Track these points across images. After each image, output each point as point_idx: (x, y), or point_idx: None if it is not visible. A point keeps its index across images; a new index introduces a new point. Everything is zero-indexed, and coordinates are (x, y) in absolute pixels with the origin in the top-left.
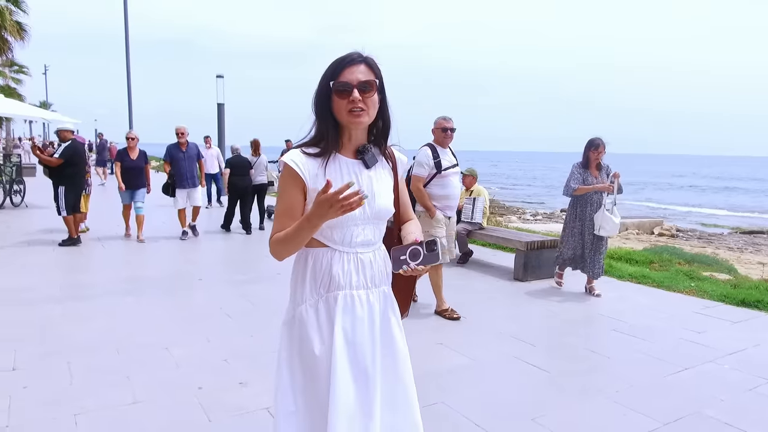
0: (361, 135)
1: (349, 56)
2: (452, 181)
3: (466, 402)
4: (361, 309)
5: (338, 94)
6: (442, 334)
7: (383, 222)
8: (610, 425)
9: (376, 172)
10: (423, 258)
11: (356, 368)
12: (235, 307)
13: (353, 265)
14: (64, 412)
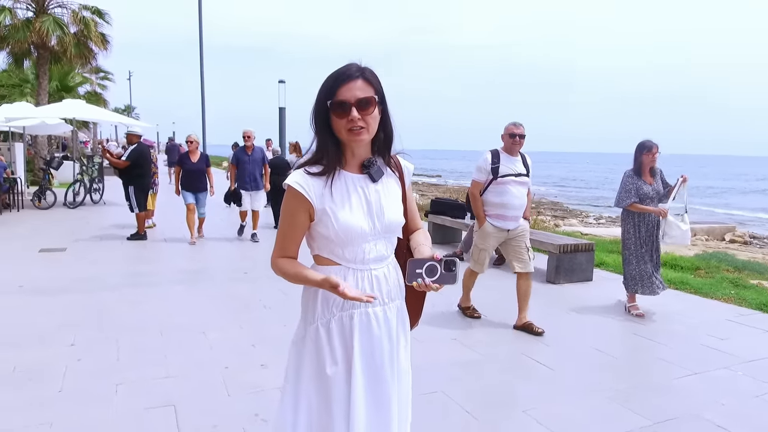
0: (363, 149)
1: (346, 72)
2: (512, 189)
3: (463, 392)
4: (378, 327)
5: (336, 112)
6: (458, 330)
7: (395, 235)
8: (597, 420)
9: (384, 185)
10: (439, 276)
11: (375, 392)
12: (274, 299)
13: (368, 282)
14: (108, 382)
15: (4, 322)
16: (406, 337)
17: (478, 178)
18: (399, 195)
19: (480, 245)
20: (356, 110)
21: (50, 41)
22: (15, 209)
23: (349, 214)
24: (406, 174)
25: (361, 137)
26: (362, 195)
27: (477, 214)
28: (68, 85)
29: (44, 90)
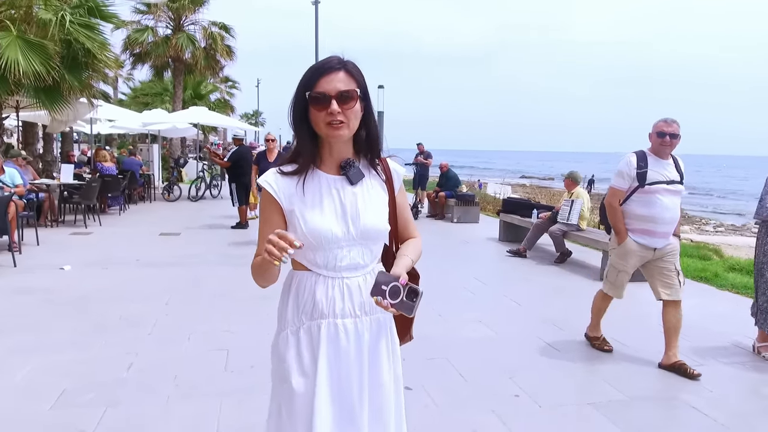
0: (344, 148)
1: (327, 63)
2: (662, 199)
3: (463, 360)
4: (347, 340)
5: (315, 105)
6: (481, 313)
7: (375, 242)
8: (573, 388)
9: (363, 188)
10: (399, 301)
11: (340, 407)
12: None
13: (338, 291)
14: (185, 331)
15: (120, 285)
16: (389, 354)
17: (618, 184)
18: (383, 200)
19: (618, 266)
20: (336, 103)
21: (184, 55)
22: (148, 201)
23: (319, 216)
24: (395, 178)
25: (341, 132)
26: (336, 197)
27: (616, 228)
28: (200, 93)
29: (179, 98)
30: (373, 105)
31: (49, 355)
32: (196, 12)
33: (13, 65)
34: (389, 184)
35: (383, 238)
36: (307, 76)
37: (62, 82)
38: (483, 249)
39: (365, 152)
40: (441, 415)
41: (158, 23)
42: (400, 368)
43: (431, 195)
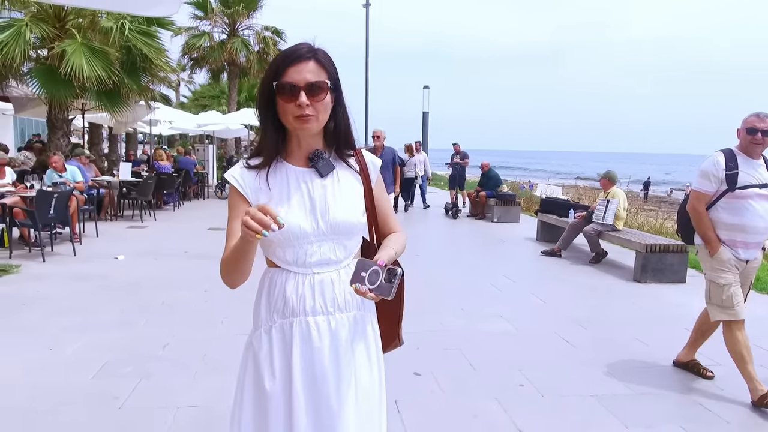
0: (313, 140)
1: (297, 51)
2: (755, 206)
3: (477, 351)
4: (319, 338)
5: (283, 96)
6: (504, 309)
7: (348, 237)
8: (579, 381)
9: (333, 181)
10: (378, 285)
11: (317, 409)
12: None
13: (308, 287)
14: (219, 315)
15: (166, 274)
16: (369, 356)
17: (703, 187)
18: (356, 193)
19: (720, 279)
20: (305, 95)
21: (239, 59)
22: (202, 198)
23: (286, 210)
24: (371, 170)
25: (309, 125)
26: (305, 191)
27: (706, 236)
28: (255, 95)
29: (234, 100)
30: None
31: (97, 333)
32: (250, 17)
33: (78, 70)
34: (364, 176)
35: (357, 232)
36: (275, 64)
37: (122, 85)
38: (518, 248)
39: (336, 144)
40: (445, 400)
41: (214, 29)
42: (383, 373)
43: (472, 195)
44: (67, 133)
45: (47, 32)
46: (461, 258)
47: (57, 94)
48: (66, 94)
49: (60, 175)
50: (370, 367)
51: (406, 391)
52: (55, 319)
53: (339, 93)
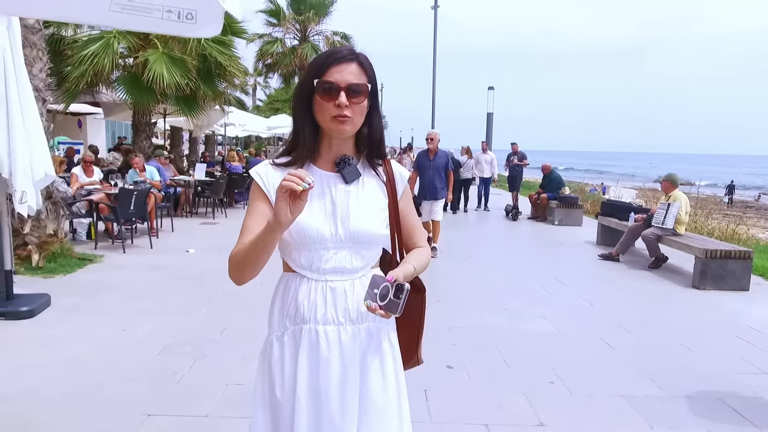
0: (344, 144)
1: (340, 52)
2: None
3: (512, 349)
4: (327, 348)
5: (322, 95)
6: (549, 310)
7: (367, 247)
8: (612, 382)
9: (358, 188)
10: (388, 301)
11: (321, 419)
12: None
13: (320, 294)
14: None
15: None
16: (384, 372)
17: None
18: (380, 203)
19: None
20: (345, 96)
21: None
22: None
23: (306, 214)
24: (398, 181)
25: (345, 127)
26: (328, 195)
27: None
28: None
29: None
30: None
31: (164, 317)
32: (320, 23)
33: (159, 78)
34: (390, 186)
35: (376, 242)
36: (318, 62)
37: (198, 91)
38: (575, 251)
39: (365, 151)
40: (472, 389)
41: (287, 35)
42: (402, 390)
43: (533, 197)
44: (149, 135)
45: (132, 43)
46: (514, 260)
47: (140, 100)
48: (148, 100)
49: (141, 174)
50: (384, 384)
51: (436, 382)
52: (129, 304)
53: (375, 99)
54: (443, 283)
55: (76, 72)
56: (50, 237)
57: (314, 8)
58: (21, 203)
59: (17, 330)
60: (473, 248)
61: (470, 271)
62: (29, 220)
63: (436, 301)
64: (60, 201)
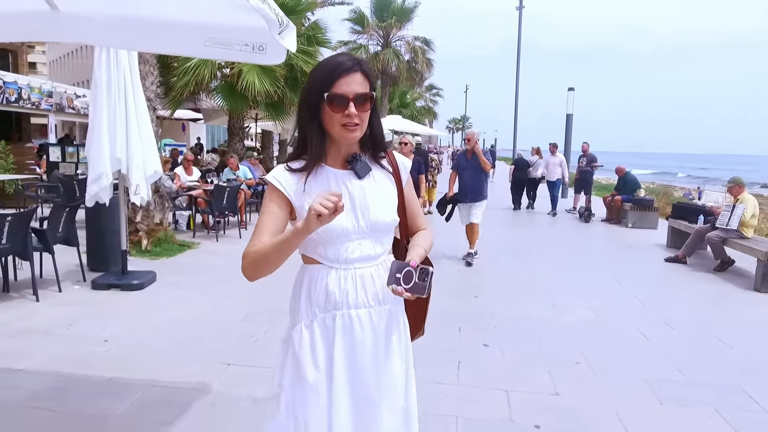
0: (351, 145)
1: (344, 64)
2: None
3: (550, 337)
4: (362, 331)
5: (332, 106)
6: (596, 304)
7: (385, 234)
8: (637, 366)
9: (371, 182)
10: (413, 285)
11: (356, 399)
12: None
13: (350, 282)
14: None
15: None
16: (401, 347)
17: None
18: (391, 192)
19: None
20: (354, 106)
21: (390, 69)
22: None
23: None
24: (402, 170)
25: (355, 134)
26: (345, 191)
27: None
28: (406, 102)
29: (385, 107)
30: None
31: (246, 293)
32: (402, 28)
33: (251, 86)
34: (396, 176)
35: (392, 229)
36: (324, 74)
37: (285, 98)
38: (643, 254)
39: (369, 148)
40: (502, 365)
41: (370, 41)
42: (411, 361)
43: (607, 199)
44: (242, 138)
45: None
46: (575, 259)
47: (235, 106)
48: (242, 106)
49: (234, 173)
50: (401, 357)
51: (470, 356)
52: (219, 282)
53: (375, 101)
54: (495, 278)
55: (181, 82)
56: (157, 225)
57: (396, 15)
58: (135, 194)
59: (130, 298)
60: (536, 246)
61: (527, 267)
62: (140, 211)
63: (474, 297)
64: (165, 195)
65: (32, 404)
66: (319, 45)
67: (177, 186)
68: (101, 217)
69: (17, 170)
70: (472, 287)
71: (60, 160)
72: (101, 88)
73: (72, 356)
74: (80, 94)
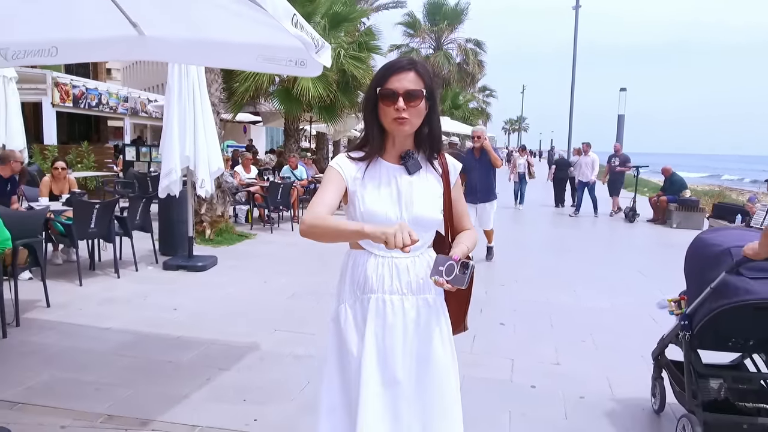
0: (406, 141)
1: (398, 62)
2: None
3: (564, 319)
4: (393, 315)
5: (384, 100)
6: (615, 293)
7: (426, 229)
8: (638, 344)
9: (419, 179)
10: (454, 276)
11: (386, 373)
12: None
13: (387, 269)
14: None
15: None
16: (442, 336)
17: None
18: (437, 192)
19: None
20: (403, 100)
21: (442, 71)
22: None
23: (376, 199)
24: (452, 173)
25: (404, 127)
26: (394, 184)
27: None
28: (458, 103)
29: None
30: (438, 105)
31: (295, 276)
32: (454, 31)
33: (306, 91)
34: (445, 177)
35: (433, 225)
36: (379, 73)
37: (337, 101)
38: (680, 252)
39: (425, 147)
40: (514, 340)
41: (422, 45)
42: (451, 352)
43: (653, 199)
44: (297, 139)
45: None
46: (608, 256)
47: (291, 110)
48: (297, 109)
49: (292, 171)
50: (443, 346)
51: (485, 332)
52: (271, 267)
53: (434, 101)
54: (526, 270)
55: (242, 87)
56: (219, 217)
57: (448, 18)
58: (200, 188)
59: (195, 278)
60: (576, 244)
61: (561, 262)
62: (204, 203)
63: (501, 285)
64: (227, 190)
65: (119, 352)
66: (369, 51)
67: (237, 182)
68: (171, 208)
69: (97, 168)
70: (501, 277)
71: (134, 159)
72: (173, 95)
73: (148, 319)
74: (152, 98)
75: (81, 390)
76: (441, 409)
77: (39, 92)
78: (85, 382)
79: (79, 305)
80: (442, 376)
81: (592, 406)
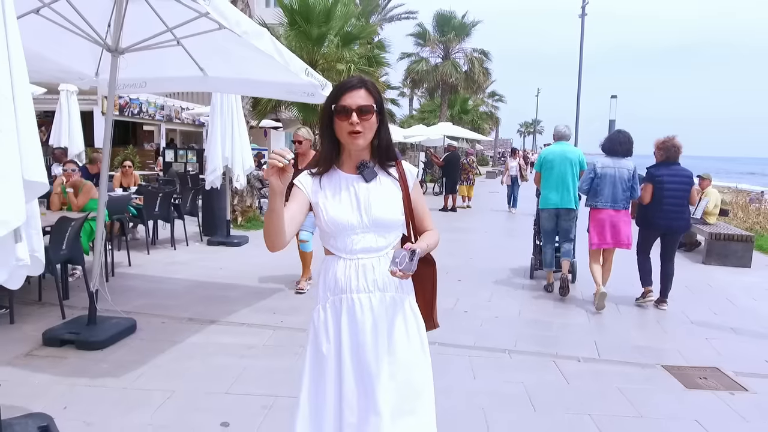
0: (361, 153)
1: (350, 82)
2: None
3: (540, 328)
4: (362, 312)
5: (339, 116)
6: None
7: (388, 230)
8: (625, 330)
9: (376, 185)
10: (404, 265)
11: (359, 369)
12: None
13: (353, 270)
14: None
15: None
16: (408, 331)
17: None
18: (395, 195)
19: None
20: (356, 115)
21: (449, 79)
22: None
23: (338, 208)
24: (409, 177)
25: (358, 141)
26: (353, 192)
27: None
28: (466, 109)
29: (444, 114)
30: (387, 117)
31: None
32: (462, 42)
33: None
34: (402, 182)
35: (394, 226)
36: (333, 92)
37: None
38: None
39: (379, 156)
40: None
41: (431, 54)
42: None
43: None
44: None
45: None
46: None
47: (308, 117)
48: (314, 117)
49: None
50: (408, 340)
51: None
52: (291, 245)
53: (383, 115)
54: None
55: (265, 98)
56: (248, 207)
57: (456, 30)
58: (236, 182)
59: (232, 251)
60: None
61: None
62: (237, 195)
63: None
64: (255, 185)
65: (189, 291)
66: (378, 65)
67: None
68: (213, 198)
69: (140, 168)
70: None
71: (173, 161)
72: (217, 110)
73: (203, 274)
74: (184, 106)
75: (169, 308)
76: (412, 400)
77: (90, 102)
78: (170, 305)
79: (152, 266)
80: (412, 369)
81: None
